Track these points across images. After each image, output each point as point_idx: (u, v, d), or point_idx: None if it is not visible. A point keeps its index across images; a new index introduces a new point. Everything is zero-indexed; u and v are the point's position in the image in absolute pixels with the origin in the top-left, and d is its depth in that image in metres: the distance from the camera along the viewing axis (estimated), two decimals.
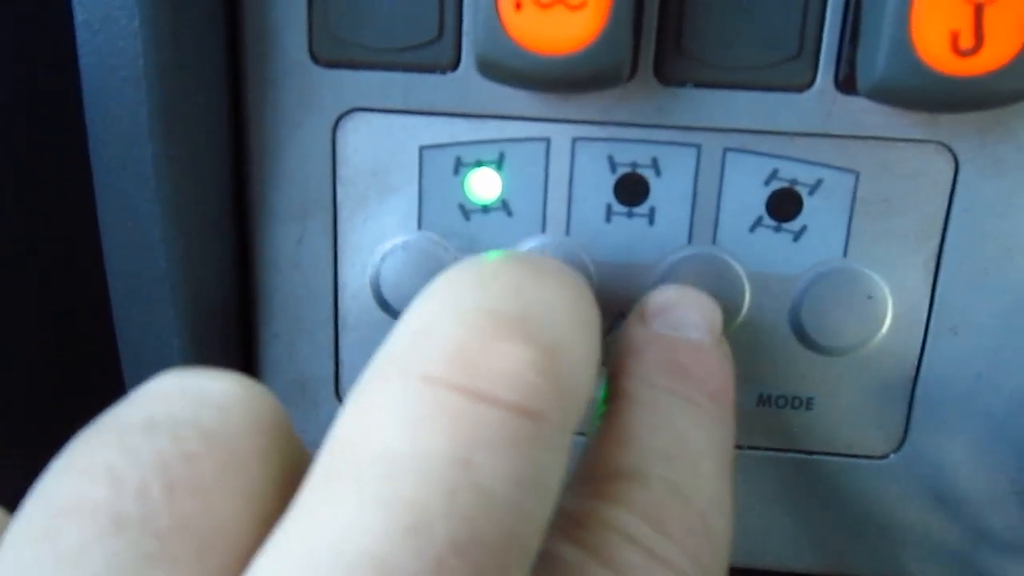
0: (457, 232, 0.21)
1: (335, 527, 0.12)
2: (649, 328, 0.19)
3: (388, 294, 0.21)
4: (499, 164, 0.21)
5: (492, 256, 0.16)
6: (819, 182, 0.20)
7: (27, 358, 0.24)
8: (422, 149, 0.21)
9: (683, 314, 0.19)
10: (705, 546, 0.15)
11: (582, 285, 0.16)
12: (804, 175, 0.20)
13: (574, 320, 0.15)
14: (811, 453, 0.22)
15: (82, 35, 0.19)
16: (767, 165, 0.20)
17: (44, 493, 0.13)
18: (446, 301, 0.14)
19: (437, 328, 0.14)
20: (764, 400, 0.22)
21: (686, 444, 0.16)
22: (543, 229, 0.21)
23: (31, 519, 0.13)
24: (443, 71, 0.20)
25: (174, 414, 0.13)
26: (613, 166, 0.20)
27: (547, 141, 0.20)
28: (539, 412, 0.13)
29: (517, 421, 0.13)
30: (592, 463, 0.16)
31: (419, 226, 0.21)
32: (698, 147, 0.20)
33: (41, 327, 0.24)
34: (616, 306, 0.21)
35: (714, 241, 0.21)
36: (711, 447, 0.17)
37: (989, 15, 0.17)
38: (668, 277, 0.21)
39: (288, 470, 0.14)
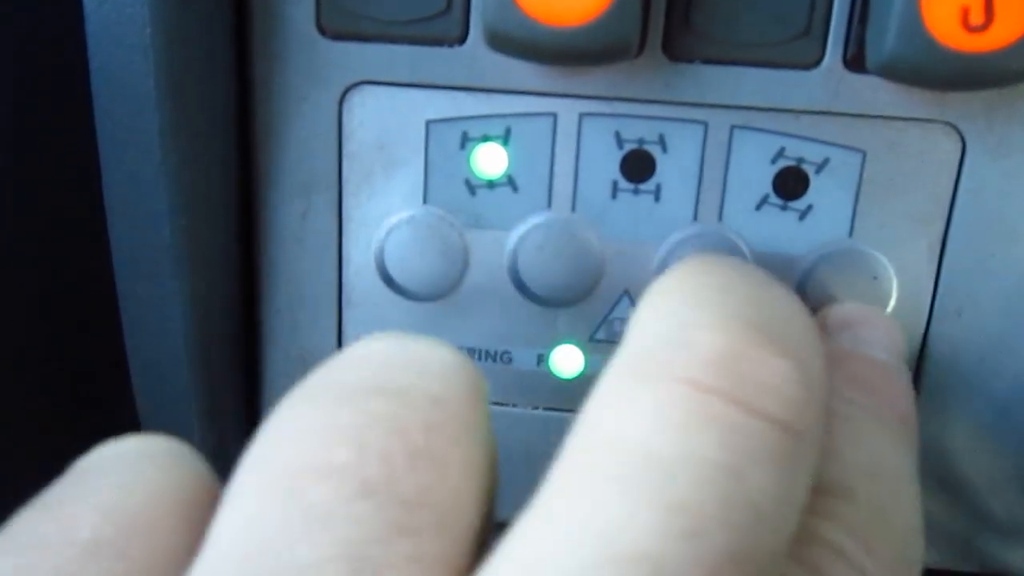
0: (463, 207, 0.21)
1: (606, 523, 0.12)
2: (836, 343, 0.19)
3: (393, 269, 0.21)
4: (505, 139, 0.21)
5: (709, 260, 0.16)
6: (826, 161, 0.20)
7: (28, 334, 0.24)
8: (428, 123, 0.21)
9: (871, 333, 0.19)
10: (907, 567, 0.15)
11: (797, 297, 0.16)
12: (811, 154, 0.20)
13: (812, 333, 0.15)
14: None
15: (89, 4, 0.19)
16: (774, 143, 0.20)
17: (281, 451, 0.13)
18: (696, 304, 0.14)
19: (698, 333, 0.14)
20: None
21: (885, 464, 0.16)
22: (549, 205, 0.21)
23: (272, 476, 0.12)
24: (451, 44, 0.20)
25: (403, 381, 0.13)
26: (620, 142, 0.20)
27: (554, 116, 0.20)
28: (801, 430, 0.13)
29: (784, 438, 0.13)
30: None
31: (424, 201, 0.21)
32: (705, 124, 0.20)
33: (43, 301, 0.24)
34: (622, 284, 0.21)
35: (720, 219, 0.21)
36: (905, 470, 0.16)
37: None
38: (673, 255, 0.21)
39: (491, 441, 0.14)
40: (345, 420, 0.13)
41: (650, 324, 0.14)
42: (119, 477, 0.14)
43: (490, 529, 0.14)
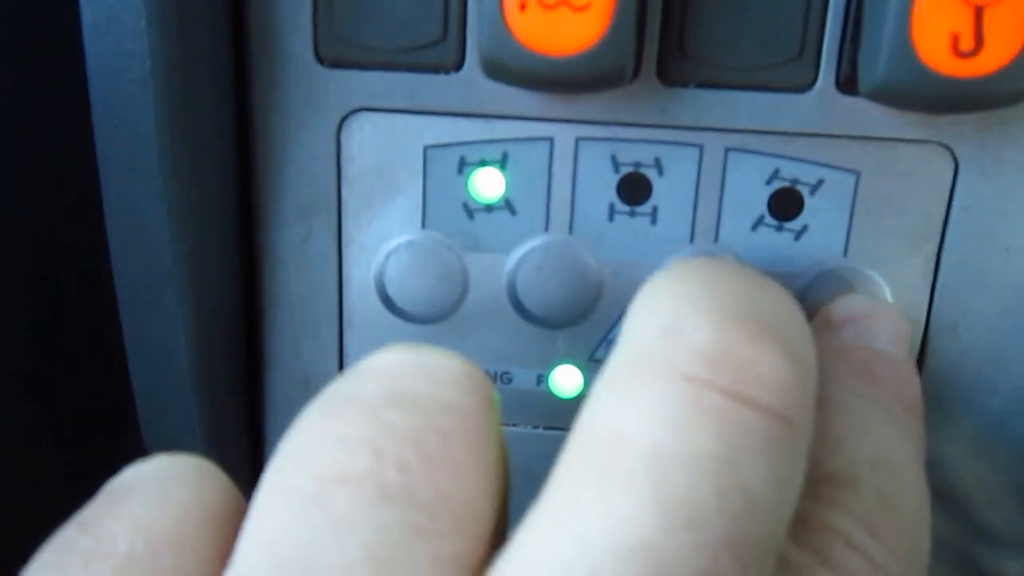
0: (461, 231, 0.21)
1: (609, 516, 0.12)
2: (840, 337, 0.19)
3: (393, 292, 0.21)
4: (503, 163, 0.21)
5: (701, 259, 0.17)
6: (820, 182, 0.20)
7: (29, 359, 0.24)
8: (426, 149, 0.21)
9: (875, 326, 0.19)
10: (913, 555, 0.15)
11: (789, 292, 0.16)
12: (805, 175, 0.20)
13: (801, 325, 0.15)
14: None
15: (89, 36, 0.19)
16: (769, 165, 0.20)
17: (303, 461, 0.13)
18: (688, 300, 0.15)
19: (691, 328, 0.14)
20: None
21: (890, 454, 0.16)
22: (546, 228, 0.21)
23: (296, 485, 0.13)
24: (447, 71, 0.20)
25: (414, 390, 0.14)
26: (616, 166, 0.21)
27: (551, 141, 0.20)
28: (792, 418, 0.14)
29: (776, 426, 0.13)
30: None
31: (423, 225, 0.21)
32: (700, 147, 0.20)
33: (46, 327, 0.24)
34: (620, 304, 0.21)
35: (716, 240, 0.21)
36: (911, 459, 0.17)
37: (989, 17, 0.17)
38: None
39: (501, 443, 0.15)
40: (363, 430, 0.13)
41: (643, 322, 0.15)
42: (150, 494, 0.14)
43: (504, 530, 0.14)
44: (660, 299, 0.15)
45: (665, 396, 0.13)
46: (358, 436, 0.13)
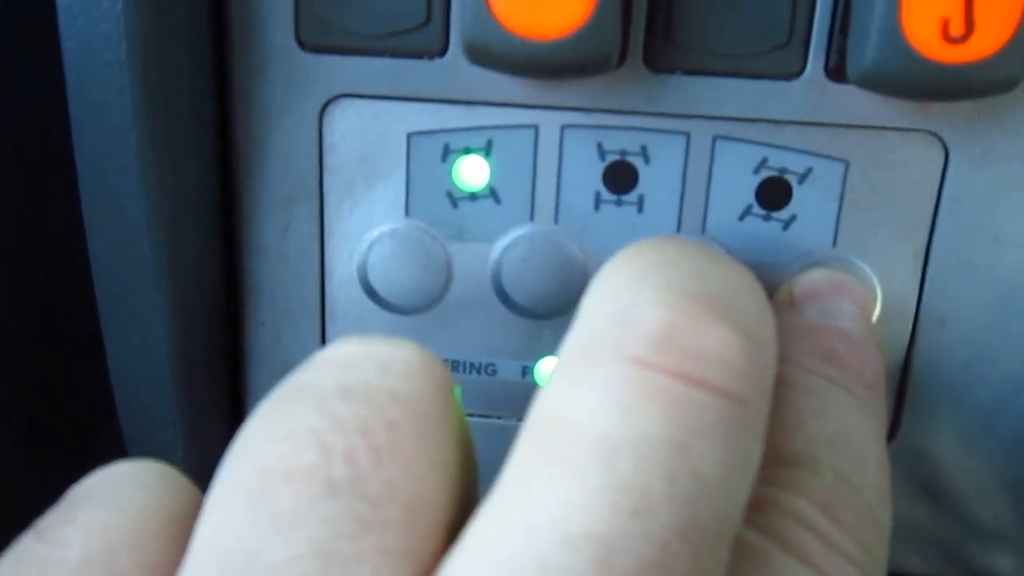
0: (445, 219, 0.21)
1: (557, 506, 0.12)
2: (801, 314, 0.19)
3: (376, 282, 0.21)
4: (487, 151, 0.20)
5: (657, 240, 0.16)
6: (809, 171, 0.20)
7: (9, 354, 0.23)
8: (410, 136, 0.20)
9: (837, 302, 0.19)
10: (873, 535, 0.15)
11: (749, 270, 0.16)
12: (794, 164, 0.20)
13: (758, 303, 0.15)
14: None
15: (64, 19, 0.19)
16: (756, 153, 0.20)
17: (250, 458, 0.13)
18: (640, 282, 0.15)
19: (641, 310, 0.14)
20: None
21: (850, 433, 0.16)
22: (531, 217, 0.21)
23: (242, 482, 0.13)
24: (431, 57, 0.20)
25: (366, 381, 0.14)
26: (602, 153, 0.20)
27: (535, 128, 0.20)
28: (746, 397, 0.13)
29: (727, 406, 0.13)
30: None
31: (407, 213, 0.21)
32: (687, 135, 0.20)
33: (23, 316, 0.24)
34: None
35: (703, 230, 0.21)
36: (871, 437, 0.17)
37: (980, 3, 0.17)
38: None
39: (461, 434, 0.14)
40: (310, 423, 0.13)
41: (596, 305, 0.15)
42: (107, 499, 0.14)
43: (467, 518, 0.14)
44: (613, 281, 0.15)
45: (613, 380, 0.13)
46: (305, 429, 0.13)
